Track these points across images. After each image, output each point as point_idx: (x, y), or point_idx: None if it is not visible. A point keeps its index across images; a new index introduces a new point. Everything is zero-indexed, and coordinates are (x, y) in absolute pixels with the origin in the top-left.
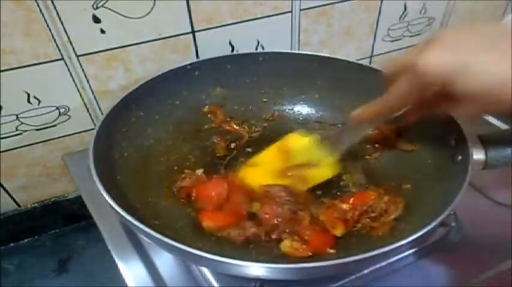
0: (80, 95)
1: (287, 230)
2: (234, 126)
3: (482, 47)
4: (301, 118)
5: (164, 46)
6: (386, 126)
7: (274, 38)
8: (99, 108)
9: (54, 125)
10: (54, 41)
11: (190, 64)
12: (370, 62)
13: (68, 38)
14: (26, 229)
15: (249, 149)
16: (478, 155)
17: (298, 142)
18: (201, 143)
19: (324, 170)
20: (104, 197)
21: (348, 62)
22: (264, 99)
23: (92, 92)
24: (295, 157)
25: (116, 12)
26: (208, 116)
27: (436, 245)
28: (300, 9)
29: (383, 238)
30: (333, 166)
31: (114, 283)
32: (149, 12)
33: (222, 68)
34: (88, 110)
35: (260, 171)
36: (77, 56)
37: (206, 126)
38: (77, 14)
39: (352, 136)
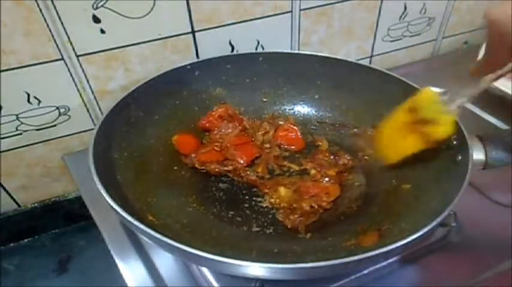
0: (80, 95)
1: None
2: None
3: None
4: (301, 118)
5: (164, 46)
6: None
7: (274, 38)
8: (99, 108)
9: (54, 125)
10: (54, 41)
11: (190, 64)
12: (370, 62)
13: (68, 38)
14: (26, 229)
15: None
16: (478, 155)
17: (428, 97)
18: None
19: (444, 128)
20: (104, 197)
21: (348, 62)
22: (264, 99)
23: (92, 92)
24: (422, 112)
25: (116, 12)
26: None
27: (436, 245)
28: (300, 9)
29: (383, 238)
30: (450, 124)
31: (114, 283)
32: (149, 12)
33: (222, 68)
34: (88, 110)
35: (389, 129)
36: (77, 56)
37: None
38: (77, 14)
39: (472, 90)
